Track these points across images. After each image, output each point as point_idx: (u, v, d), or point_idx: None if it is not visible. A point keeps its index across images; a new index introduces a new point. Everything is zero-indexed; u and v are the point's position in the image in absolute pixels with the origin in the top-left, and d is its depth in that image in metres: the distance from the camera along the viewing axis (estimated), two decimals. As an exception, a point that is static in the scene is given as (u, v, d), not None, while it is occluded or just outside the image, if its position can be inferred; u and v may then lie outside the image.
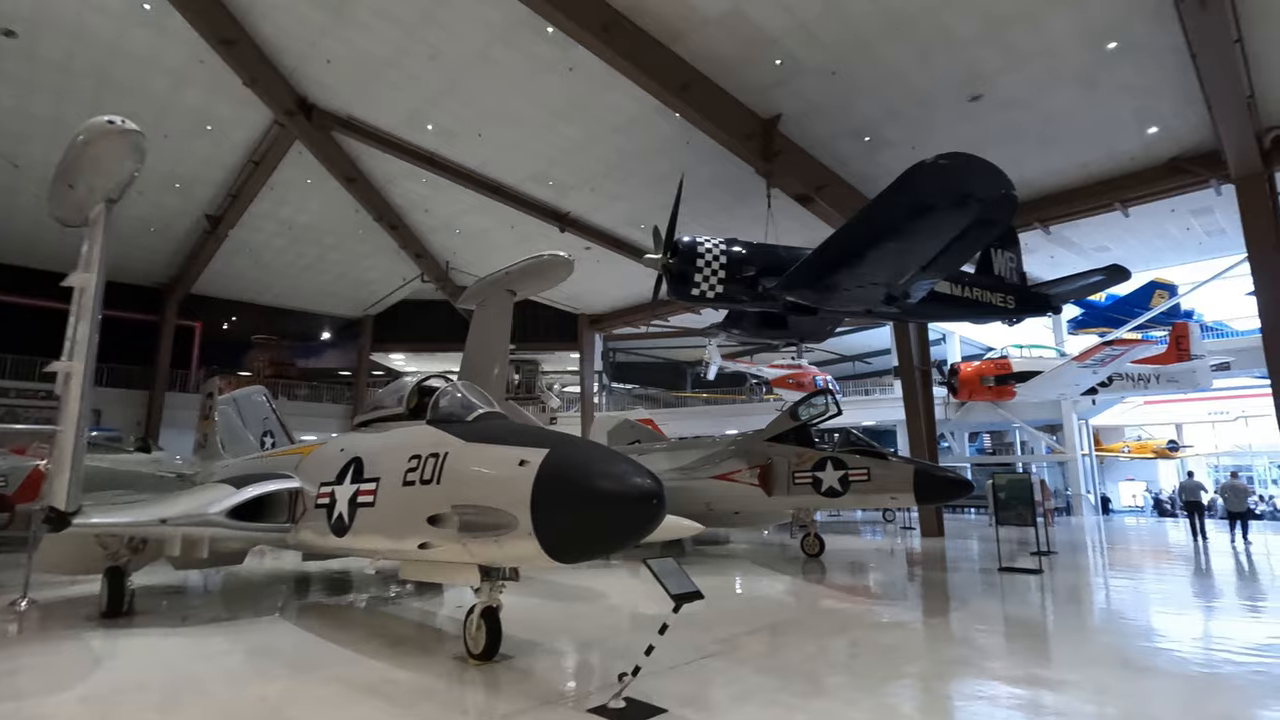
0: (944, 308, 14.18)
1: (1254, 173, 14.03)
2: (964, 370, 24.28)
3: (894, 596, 9.97)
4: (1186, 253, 24.68)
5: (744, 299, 13.13)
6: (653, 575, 4.69)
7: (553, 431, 6.06)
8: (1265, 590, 10.65)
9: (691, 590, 4.65)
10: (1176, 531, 23.34)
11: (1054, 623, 8.24)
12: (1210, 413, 44.61)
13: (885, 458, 12.65)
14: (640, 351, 41.49)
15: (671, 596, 4.49)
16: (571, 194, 19.63)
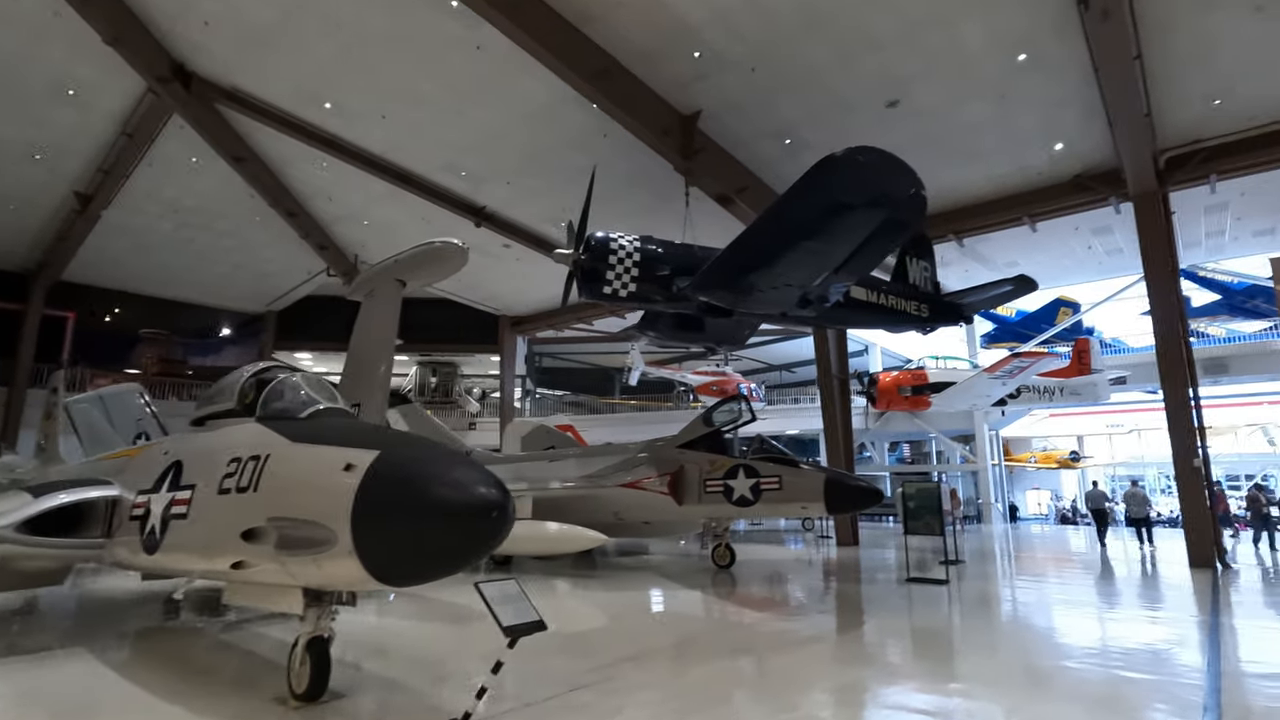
0: (860, 314, 14.02)
1: (1150, 191, 14.51)
2: (882, 380, 24.55)
3: (798, 611, 9.49)
4: (1088, 271, 25.81)
5: (658, 299, 12.54)
6: (483, 601, 3.88)
7: (394, 432, 5.22)
8: (1163, 595, 10.79)
9: (531, 620, 3.88)
10: (1078, 538, 24.26)
11: (959, 637, 7.91)
12: (1107, 426, 47.29)
13: (797, 465, 12.27)
14: (567, 356, 40.50)
15: (504, 629, 3.70)
16: (486, 187, 18.67)
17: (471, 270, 24.37)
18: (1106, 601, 10.53)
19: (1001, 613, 9.44)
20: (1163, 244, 14.60)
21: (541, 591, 11.18)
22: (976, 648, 7.31)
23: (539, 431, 18.78)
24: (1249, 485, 18.98)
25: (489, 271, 24.58)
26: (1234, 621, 8.51)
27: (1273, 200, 18.34)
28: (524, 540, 12.35)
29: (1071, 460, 45.47)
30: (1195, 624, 8.40)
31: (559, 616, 9.39)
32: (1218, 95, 13.00)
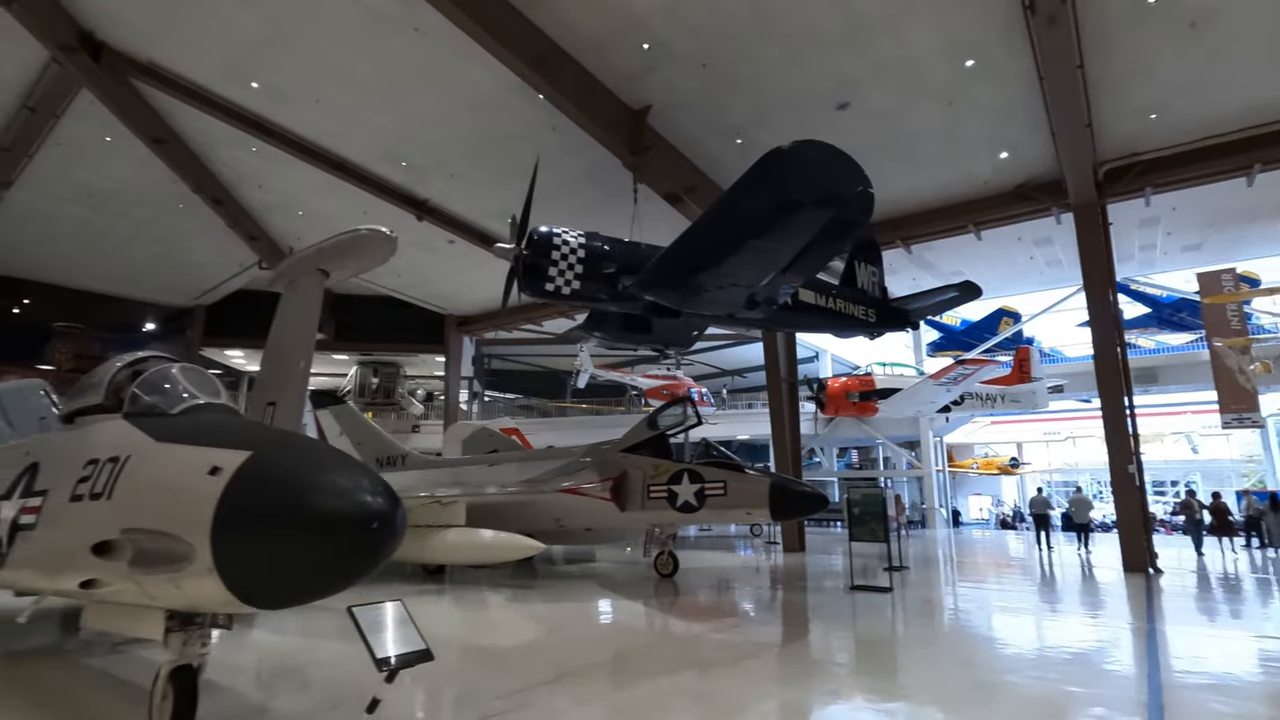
0: (809, 317, 13.82)
1: (1090, 201, 14.78)
2: (831, 386, 24.64)
3: (739, 623, 9.11)
4: (1030, 282, 26.44)
5: (603, 298, 12.07)
6: (356, 628, 3.32)
7: (277, 431, 4.61)
8: (1100, 600, 10.83)
9: (414, 651, 3.33)
10: (1018, 543, 24.74)
11: (902, 649, 7.64)
12: (1045, 433, 48.92)
13: (742, 471, 11.95)
14: (517, 358, 39.64)
15: (377, 662, 3.15)
16: (429, 179, 17.90)
17: (415, 267, 23.75)
18: (1047, 609, 10.49)
19: (944, 622, 9.25)
20: (1101, 254, 14.88)
21: (472, 603, 10.57)
22: (919, 661, 7.04)
23: (481, 435, 18.07)
24: (1184, 491, 19.54)
25: (433, 268, 23.73)
26: (1171, 628, 8.50)
27: (1201, 216, 19.02)
28: (457, 548, 11.73)
29: (1011, 466, 46.76)
30: (1135, 631, 8.35)
31: (485, 631, 8.84)
32: (1154, 109, 13.29)
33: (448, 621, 9.33)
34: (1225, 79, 12.48)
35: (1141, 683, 5.98)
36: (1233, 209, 18.59)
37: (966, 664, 6.79)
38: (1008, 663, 6.89)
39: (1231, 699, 5.52)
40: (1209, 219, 19.44)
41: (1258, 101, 12.97)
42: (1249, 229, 20.54)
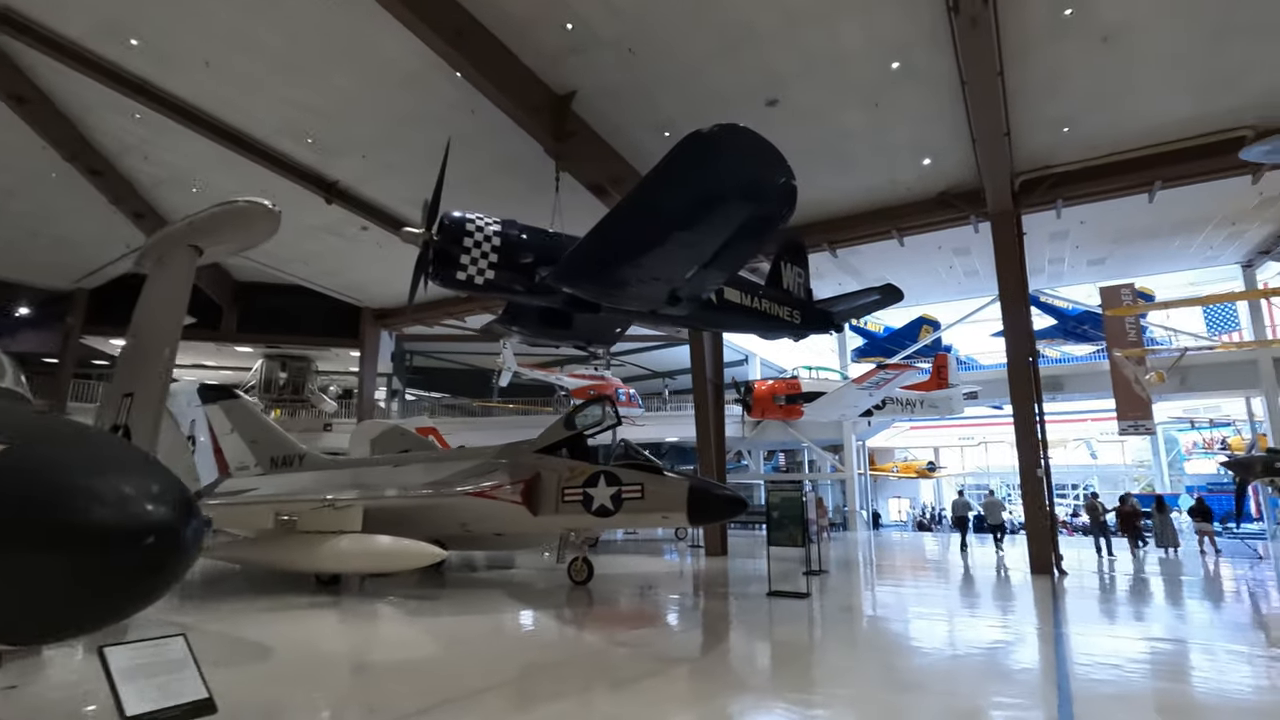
0: (734, 317, 13.49)
1: (1006, 210, 15.11)
2: (758, 388, 24.62)
3: (650, 634, 8.58)
4: (948, 291, 27.26)
5: (519, 289, 11.35)
6: (105, 674, 2.57)
7: (50, 420, 3.77)
8: (1010, 603, 10.90)
9: (191, 702, 2.61)
10: (934, 544, 25.38)
11: (815, 659, 7.30)
12: (960, 438, 51.05)
13: (661, 473, 11.48)
14: (441, 356, 38.16)
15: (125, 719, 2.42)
16: (339, 159, 16.70)
17: (326, 254, 22.28)
18: (958, 613, 10.45)
19: (857, 629, 9.01)
20: (1016, 261, 15.23)
21: (364, 616, 9.67)
22: (832, 673, 6.70)
23: (391, 434, 16.98)
24: (1087, 494, 20.37)
25: (346, 257, 22.34)
26: (1075, 630, 8.51)
27: (1106, 232, 19.93)
28: (350, 557, 10.78)
29: (929, 470, 48.52)
30: (1043, 635, 8.30)
31: (372, 648, 8.00)
32: (1066, 122, 13.66)
33: (331, 637, 8.44)
34: (1132, 96, 12.92)
35: (1050, 687, 5.80)
36: (1134, 226, 19.55)
37: (877, 673, 6.49)
38: (919, 673, 6.62)
39: (1133, 704, 5.39)
40: (1113, 235, 20.41)
41: (1160, 121, 13.51)
42: (1148, 246, 21.71)
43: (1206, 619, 9.98)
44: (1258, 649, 7.69)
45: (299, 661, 6.99)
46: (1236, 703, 5.64)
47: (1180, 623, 9.64)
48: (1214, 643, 8.03)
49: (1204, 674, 6.67)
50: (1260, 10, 10.74)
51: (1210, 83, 12.34)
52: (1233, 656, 7.26)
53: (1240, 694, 5.94)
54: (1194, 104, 12.93)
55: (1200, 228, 19.98)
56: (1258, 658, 7.23)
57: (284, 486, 13.73)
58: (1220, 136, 13.69)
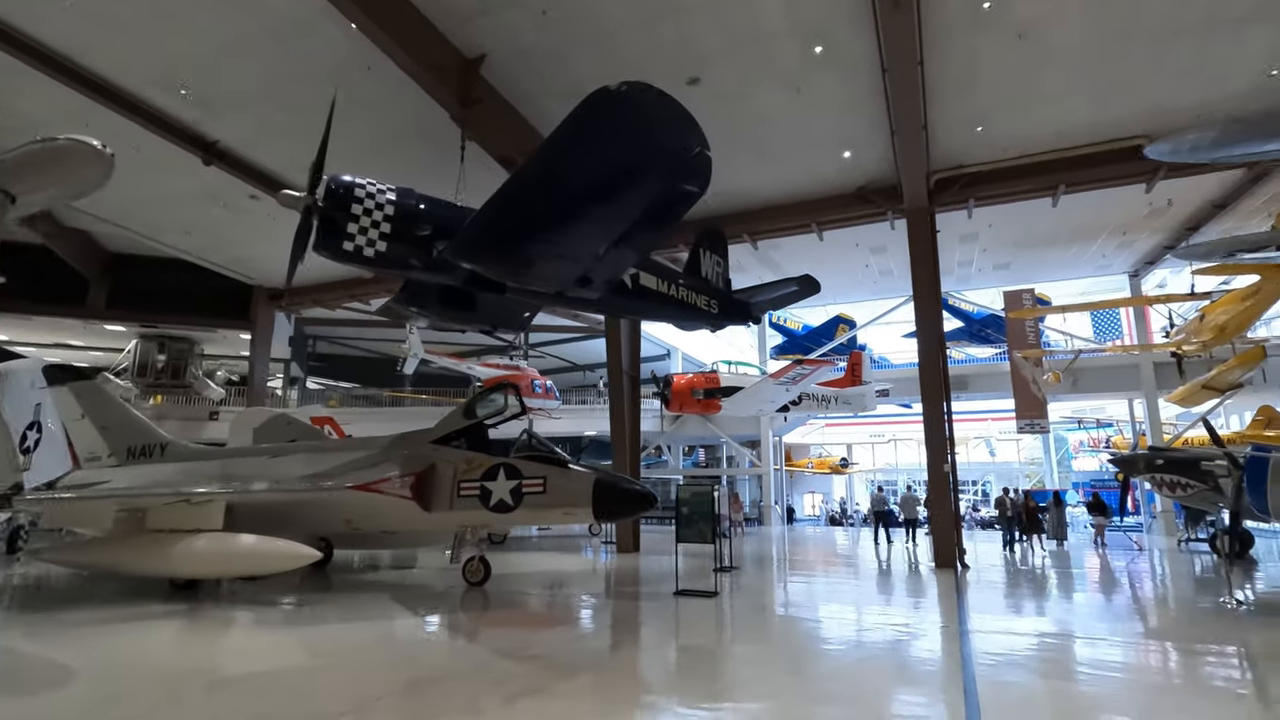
0: (650, 305, 12.91)
1: (922, 207, 15.21)
2: (677, 382, 24.24)
3: (544, 640, 7.84)
4: (864, 290, 27.79)
5: (416, 265, 10.34)
6: None
7: None
8: (917, 598, 10.79)
9: None
10: (844, 538, 25.81)
11: (719, 663, 6.76)
12: (871, 435, 52.79)
13: (565, 466, 10.73)
14: (349, 342, 35.97)
15: None
16: (219, 116, 15.00)
17: (210, 225, 20.24)
18: (866, 609, 10.24)
19: (764, 629, 8.58)
20: (930, 259, 15.36)
21: (221, 625, 8.47)
22: (734, 683, 6.17)
23: (276, 422, 15.45)
24: (1000, 489, 21.06)
25: (234, 228, 20.38)
26: (980, 626, 8.38)
27: (1011, 235, 20.63)
28: (207, 558, 9.49)
29: (842, 466, 49.89)
30: (948, 634, 8.10)
31: (222, 663, 6.88)
32: (980, 121, 13.80)
33: (172, 651, 7.25)
34: (1040, 98, 13.15)
35: (956, 692, 5.47)
36: (1037, 231, 20.32)
37: (780, 681, 6.01)
38: (824, 680, 6.19)
39: (1036, 692, 5.15)
40: (1018, 240, 21.16)
41: (1065, 124, 13.85)
42: (1048, 252, 22.69)
43: (1104, 610, 10.16)
44: (1148, 639, 7.74)
45: (122, 682, 5.87)
46: (1131, 693, 5.49)
47: (1078, 613, 9.75)
48: (1115, 636, 8.05)
49: (1101, 665, 6.56)
50: (1159, 16, 11.03)
51: (1111, 88, 12.68)
52: (1131, 649, 7.24)
53: (1134, 683, 5.81)
54: (1095, 109, 13.29)
55: (1096, 235, 20.98)
56: (1152, 651, 7.24)
57: (139, 479, 12.13)
58: (1118, 144, 14.19)
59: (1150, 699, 5.63)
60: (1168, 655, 7.18)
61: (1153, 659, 7.09)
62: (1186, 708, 5.33)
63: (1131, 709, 5.35)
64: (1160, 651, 7.38)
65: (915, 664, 6.83)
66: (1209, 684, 6.13)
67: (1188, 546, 19.95)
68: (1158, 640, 7.96)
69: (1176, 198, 17.63)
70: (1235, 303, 17.88)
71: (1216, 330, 18.38)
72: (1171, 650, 7.37)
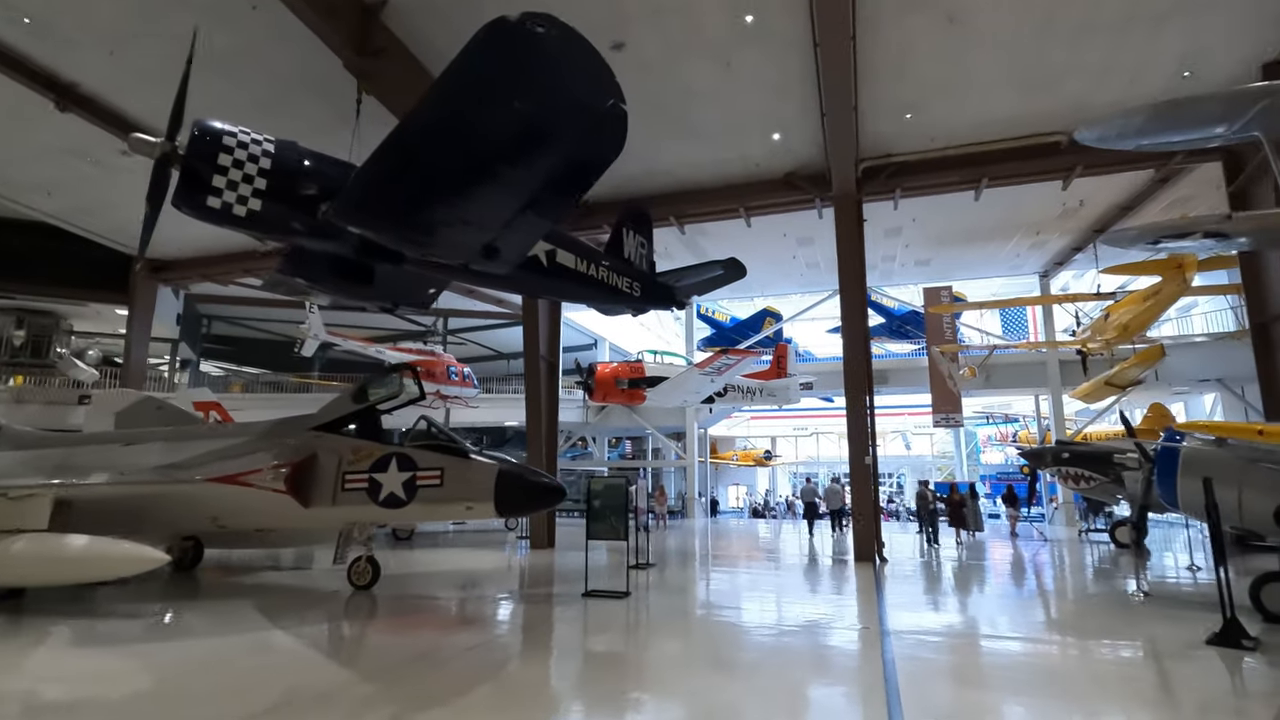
0: (566, 283, 11.99)
1: (850, 193, 14.93)
2: (601, 371, 23.39)
3: (431, 652, 6.87)
4: (791, 283, 27.76)
5: (297, 229, 9.07)
6: None
7: None
8: (836, 593, 10.42)
9: None
10: (766, 530, 25.73)
11: (619, 684, 6.00)
12: (794, 429, 53.67)
13: (466, 457, 9.73)
14: (250, 323, 33.31)
15: None
16: (74, 53, 13.03)
17: (75, 184, 17.92)
18: (785, 609, 9.76)
19: (674, 635, 7.90)
20: (856, 246, 15.12)
21: (52, 641, 7.08)
22: (632, 706, 5.43)
23: (144, 406, 13.69)
24: (919, 482, 21.31)
25: (107, 189, 18.08)
26: (901, 628, 7.98)
27: (934, 231, 20.82)
28: (24, 564, 7.99)
29: (765, 459, 50.49)
30: (867, 633, 7.64)
31: (46, 689, 5.59)
32: (910, 109, 13.57)
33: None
34: (968, 88, 13.02)
35: (876, 686, 4.92)
36: (958, 228, 20.58)
37: (685, 701, 5.31)
38: (734, 696, 5.53)
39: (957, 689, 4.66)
40: (939, 236, 21.40)
41: (990, 116, 13.80)
42: (967, 250, 23.12)
43: (1021, 605, 10.04)
44: (1065, 636, 7.52)
45: None
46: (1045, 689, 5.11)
47: (998, 610, 9.56)
48: (1032, 633, 7.81)
49: (1018, 662, 6.21)
50: (1081, 6, 10.97)
51: (1035, 80, 12.66)
52: (1049, 645, 6.95)
53: (1049, 680, 5.44)
54: (1020, 101, 13.28)
55: (1011, 234, 21.47)
56: (1069, 646, 6.99)
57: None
58: (1039, 139, 14.31)
59: (1063, 696, 5.38)
60: (1086, 652, 6.94)
61: (1071, 657, 6.82)
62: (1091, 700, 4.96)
63: (1049, 705, 5.10)
64: (1079, 648, 7.15)
65: (831, 667, 6.29)
66: (1121, 679, 5.85)
67: (1087, 537, 20.74)
68: (1077, 636, 7.77)
69: (1088, 199, 18.13)
70: (1137, 303, 18.60)
71: (1120, 329, 19.08)
72: (1082, 645, 7.15)
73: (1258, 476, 8.29)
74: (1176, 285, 16.59)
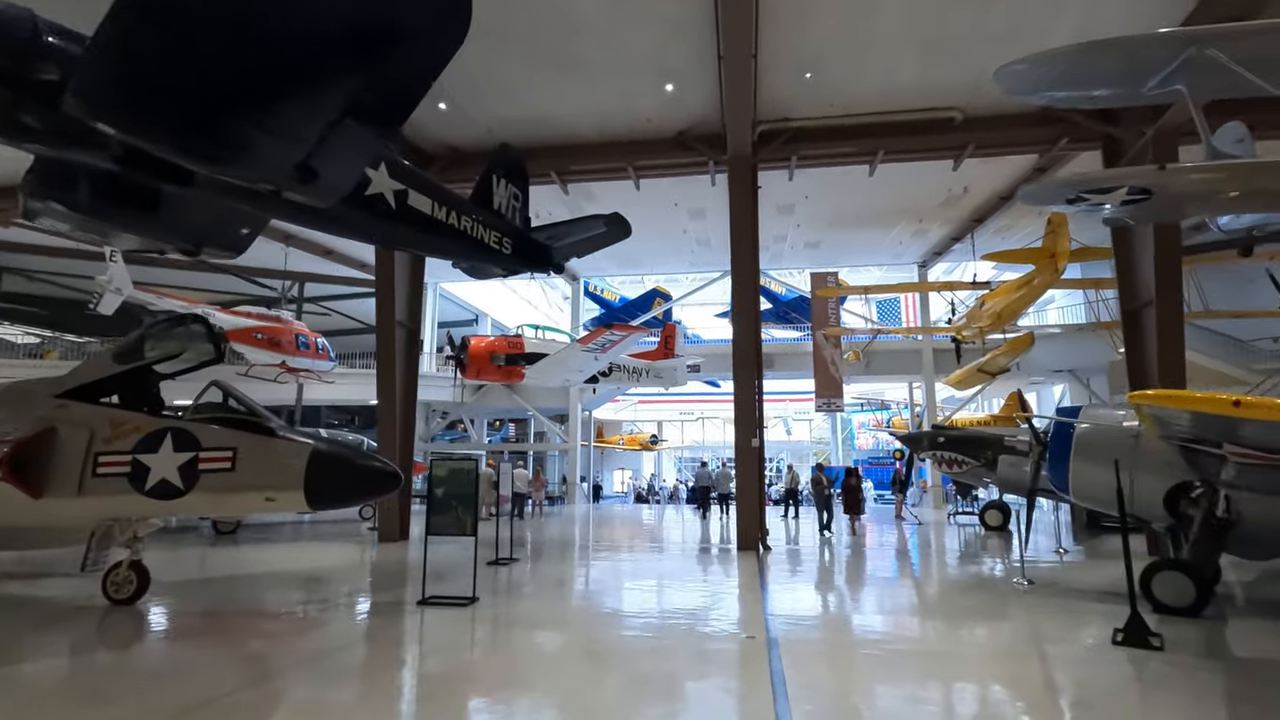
0: (421, 232, 10.03)
1: (745, 155, 13.91)
2: (474, 344, 21.28)
3: (185, 689, 4.95)
4: (682, 261, 26.82)
5: (30, 125, 6.61)
6: None
7: None
8: (720, 589, 9.31)
9: None
10: (650, 516, 24.78)
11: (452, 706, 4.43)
12: (680, 413, 53.59)
13: (270, 433, 7.67)
14: (50, 276, 28.10)
15: None
16: None
17: None
18: (657, 612, 8.51)
19: (517, 659, 6.40)
20: (750, 213, 14.18)
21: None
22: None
23: None
24: (814, 466, 20.97)
25: None
26: (788, 629, 6.92)
27: (826, 211, 20.38)
28: None
29: (651, 443, 50.01)
30: (749, 645, 6.49)
31: None
32: (810, 67, 12.63)
33: None
34: (870, 49, 12.22)
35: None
36: (848, 210, 20.28)
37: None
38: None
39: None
40: (830, 217, 21.04)
41: (889, 84, 13.14)
42: (855, 235, 23.03)
43: (906, 595, 9.37)
44: (959, 627, 6.73)
45: None
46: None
47: (884, 600, 8.80)
48: (922, 619, 6.97)
49: (907, 650, 5.25)
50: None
51: (936, 46, 12.05)
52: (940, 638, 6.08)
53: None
54: (919, 70, 12.68)
55: (897, 220, 21.51)
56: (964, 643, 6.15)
57: None
58: (936, 114, 13.88)
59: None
60: (974, 643, 6.15)
61: (967, 649, 5.99)
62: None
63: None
64: (972, 642, 6.35)
65: (715, 669, 5.03)
66: (1036, 686, 5.02)
67: (955, 520, 21.28)
68: (969, 628, 7.03)
69: (972, 185, 18.23)
70: (1010, 292, 19.05)
71: (994, 317, 19.52)
72: (970, 634, 6.38)
73: (1148, 459, 7.93)
74: (1049, 275, 16.99)
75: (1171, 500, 7.88)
